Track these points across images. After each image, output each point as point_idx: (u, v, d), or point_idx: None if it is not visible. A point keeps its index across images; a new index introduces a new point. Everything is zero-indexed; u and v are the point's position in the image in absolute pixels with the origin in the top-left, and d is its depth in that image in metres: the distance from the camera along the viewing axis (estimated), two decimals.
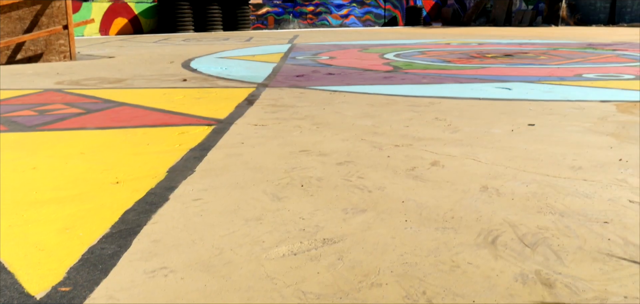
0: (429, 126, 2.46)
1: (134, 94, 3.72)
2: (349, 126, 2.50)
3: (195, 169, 1.79)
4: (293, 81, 4.21)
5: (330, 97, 3.39)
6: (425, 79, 4.28)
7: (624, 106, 2.96)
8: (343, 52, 7.10)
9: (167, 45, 9.21)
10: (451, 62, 5.70)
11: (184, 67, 5.42)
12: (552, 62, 5.58)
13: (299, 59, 6.17)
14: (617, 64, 5.43)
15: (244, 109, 2.98)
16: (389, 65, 5.36)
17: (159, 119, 2.74)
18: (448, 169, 1.76)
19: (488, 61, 5.77)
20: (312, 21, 17.87)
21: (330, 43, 9.26)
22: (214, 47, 8.44)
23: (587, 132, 2.33)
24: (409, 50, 7.29)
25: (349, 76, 4.51)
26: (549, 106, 2.99)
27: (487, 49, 7.62)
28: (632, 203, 1.43)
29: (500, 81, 4.13)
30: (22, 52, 6.48)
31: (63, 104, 3.24)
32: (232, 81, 4.29)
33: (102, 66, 5.63)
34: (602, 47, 7.89)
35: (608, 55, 6.52)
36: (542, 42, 9.33)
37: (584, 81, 4.09)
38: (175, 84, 4.14)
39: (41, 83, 4.31)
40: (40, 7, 6.45)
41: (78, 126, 2.59)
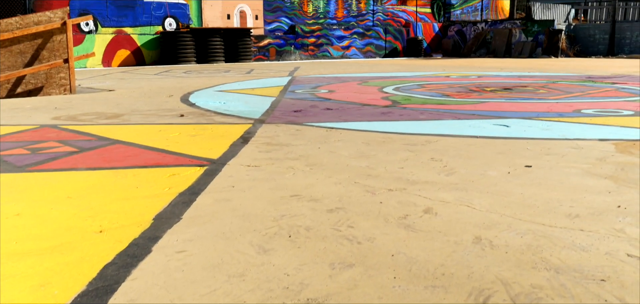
0: (424, 168, 2.43)
1: (129, 130, 3.70)
2: (343, 167, 2.47)
3: (182, 216, 1.75)
4: (290, 117, 4.19)
5: (327, 134, 3.36)
6: (423, 115, 4.25)
7: (623, 145, 2.92)
8: (342, 86, 7.10)
9: (167, 77, 9.25)
10: (450, 96, 5.69)
11: (183, 102, 5.42)
12: (551, 97, 5.56)
13: (298, 93, 6.17)
14: (616, 98, 5.41)
15: (238, 148, 2.95)
16: (388, 100, 5.35)
17: (152, 159, 2.70)
18: (441, 217, 1.71)
19: (487, 95, 5.76)
20: (313, 52, 18.00)
21: (330, 75, 9.29)
22: (214, 79, 8.47)
23: (585, 174, 2.29)
24: (408, 84, 7.30)
25: (347, 111, 4.49)
26: (547, 145, 2.96)
27: (486, 82, 7.62)
28: (630, 257, 1.39)
29: (499, 116, 4.11)
30: (23, 85, 6.50)
31: (57, 142, 3.22)
32: (229, 117, 4.28)
33: (101, 100, 5.63)
34: (601, 80, 7.89)
35: (607, 89, 6.51)
36: (541, 74, 9.35)
37: (583, 117, 4.06)
38: (172, 120, 4.12)
39: (38, 118, 4.30)
40: (41, 41, 6.49)
41: (69, 167, 2.56)
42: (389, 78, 8.51)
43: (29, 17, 6.34)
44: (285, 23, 17.62)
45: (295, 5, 17.87)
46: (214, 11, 15.93)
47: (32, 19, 6.36)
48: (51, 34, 6.52)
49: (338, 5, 19.15)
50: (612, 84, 7.15)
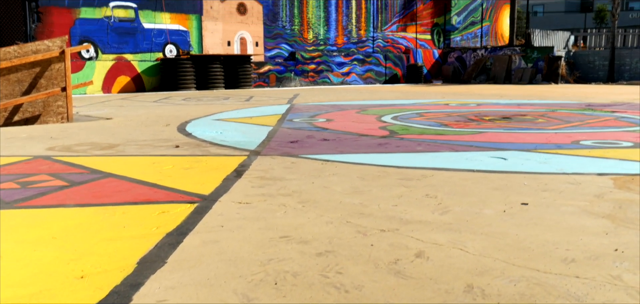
0: (418, 205, 2.38)
1: (123, 162, 3.67)
2: (336, 204, 2.42)
3: (167, 260, 1.70)
4: (286, 148, 4.16)
5: (322, 168, 3.32)
6: (420, 146, 4.22)
7: (622, 181, 2.88)
8: (340, 114, 7.09)
9: (166, 105, 9.25)
10: (448, 125, 5.66)
11: (179, 131, 5.39)
12: (550, 126, 5.53)
13: (295, 122, 6.15)
14: (615, 128, 5.38)
15: (231, 183, 2.92)
16: (385, 130, 5.33)
17: (142, 195, 2.66)
18: (433, 262, 1.67)
19: (485, 125, 5.74)
20: (313, 79, 18.06)
21: (328, 103, 9.29)
22: (213, 107, 8.47)
23: (582, 213, 2.24)
24: (406, 112, 7.28)
25: (344, 142, 4.46)
26: (544, 180, 2.91)
27: (485, 110, 7.60)
28: None
29: (496, 148, 4.07)
30: (20, 113, 6.49)
31: (48, 175, 3.18)
32: (225, 148, 4.25)
33: (97, 129, 5.61)
34: (600, 108, 7.88)
35: (606, 118, 6.49)
36: (540, 102, 9.34)
37: (581, 149, 4.03)
38: (166, 151, 4.09)
39: (32, 149, 4.28)
40: (39, 69, 6.50)
41: (57, 203, 2.52)
42: (388, 106, 8.51)
43: (27, 46, 6.36)
44: (285, 50, 17.72)
45: (295, 32, 17.99)
46: (214, 38, 16.04)
47: (30, 48, 6.38)
48: (49, 63, 6.53)
49: (338, 32, 19.28)
50: (611, 113, 7.13)
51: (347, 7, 19.49)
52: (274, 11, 17.38)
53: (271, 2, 17.27)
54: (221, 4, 16.08)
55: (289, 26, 17.79)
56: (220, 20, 16.11)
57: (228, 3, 16.24)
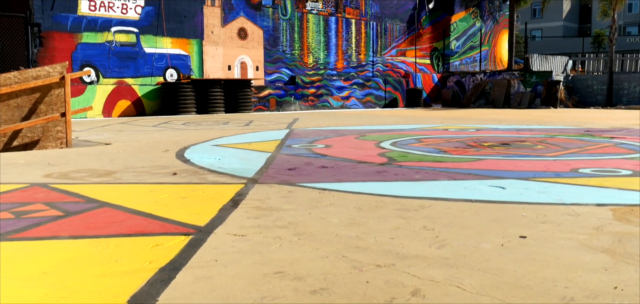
0: (415, 239, 2.36)
1: (119, 191, 3.65)
2: (332, 237, 2.40)
3: (158, 299, 1.67)
4: (284, 176, 4.15)
5: (319, 197, 3.30)
6: (419, 174, 4.20)
7: (621, 212, 2.86)
8: (339, 140, 7.08)
9: (166, 129, 9.26)
10: (447, 152, 5.65)
11: (178, 157, 5.38)
12: (549, 153, 5.52)
13: (294, 148, 6.14)
14: (614, 155, 5.37)
15: (227, 213, 2.89)
16: (384, 157, 5.31)
17: (137, 226, 2.64)
18: (429, 301, 1.64)
19: (484, 151, 5.73)
20: (313, 103, 18.11)
21: (328, 128, 9.29)
22: (212, 132, 8.47)
23: (581, 248, 2.22)
24: (405, 138, 7.28)
25: (342, 170, 4.44)
26: (543, 211, 2.89)
27: (484, 136, 7.60)
28: None
29: (495, 177, 4.05)
30: (19, 138, 6.48)
31: (44, 204, 3.16)
32: (222, 175, 4.23)
33: (96, 155, 5.60)
34: (599, 134, 7.87)
35: (605, 144, 6.48)
36: (539, 127, 9.34)
37: (580, 178, 4.01)
38: (164, 179, 4.07)
39: (30, 175, 4.26)
40: (39, 95, 6.51)
41: (51, 235, 2.49)
42: (387, 131, 8.50)
43: (27, 71, 6.38)
44: (285, 74, 17.80)
45: (295, 57, 18.09)
46: (215, 62, 16.12)
47: (30, 74, 6.40)
48: (50, 88, 6.55)
49: (338, 56, 19.39)
50: (610, 139, 7.13)
51: (347, 32, 19.63)
52: (275, 36, 17.50)
53: (272, 26, 17.40)
54: (222, 28, 16.20)
55: (289, 51, 17.90)
56: (221, 44, 16.22)
57: (229, 28, 16.36)
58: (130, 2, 14.33)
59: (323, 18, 18.82)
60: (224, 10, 16.18)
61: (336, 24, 19.25)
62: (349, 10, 19.64)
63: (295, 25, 18.04)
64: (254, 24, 16.94)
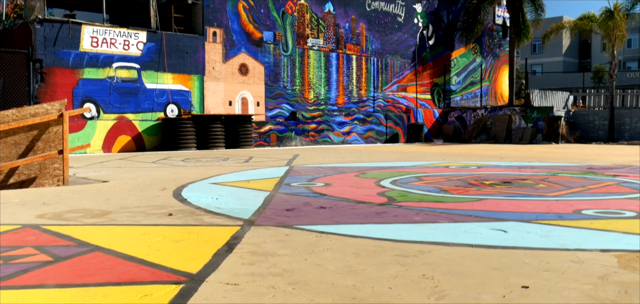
0: (413, 289, 2.27)
1: (113, 233, 3.57)
2: (327, 286, 2.31)
3: None
4: (281, 217, 4.07)
5: (316, 241, 3.22)
6: (418, 216, 4.12)
7: (626, 258, 2.77)
8: (339, 178, 7.02)
9: (165, 166, 9.21)
10: (448, 191, 5.58)
11: (175, 196, 5.31)
12: (551, 193, 5.44)
13: (293, 186, 6.07)
14: (617, 195, 5.29)
15: (221, 258, 2.81)
16: (384, 196, 5.24)
17: (127, 273, 2.56)
18: None
19: (486, 190, 5.65)
20: (314, 138, 18.11)
21: (328, 165, 9.24)
22: (211, 169, 8.41)
23: (586, 299, 2.13)
24: (406, 176, 7.21)
25: (341, 211, 4.36)
26: (546, 257, 2.80)
27: (485, 174, 7.53)
28: None
29: (496, 218, 3.97)
30: (15, 176, 6.43)
31: (34, 248, 3.08)
32: (218, 216, 4.15)
33: (92, 194, 5.53)
34: (602, 171, 7.80)
35: (608, 182, 6.40)
36: (541, 165, 9.28)
37: (583, 220, 3.92)
38: (158, 221, 3.99)
39: (23, 216, 4.19)
40: (37, 132, 6.49)
41: (37, 283, 2.41)
42: (387, 169, 8.44)
43: (26, 109, 6.37)
44: (286, 109, 17.85)
45: (296, 92, 18.17)
46: (216, 98, 16.18)
47: (28, 111, 6.39)
48: (48, 125, 6.53)
49: (339, 92, 19.47)
50: (613, 177, 7.05)
51: (348, 68, 19.75)
52: (276, 72, 17.61)
53: (273, 62, 17.52)
54: (223, 64, 16.31)
55: (290, 86, 17.99)
56: (222, 80, 16.30)
57: (230, 63, 16.48)
58: (132, 39, 14.46)
59: (324, 54, 18.96)
60: (225, 47, 16.32)
61: (337, 60, 19.38)
62: (350, 47, 19.81)
63: (296, 61, 18.17)
64: (255, 60, 17.06)
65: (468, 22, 22.67)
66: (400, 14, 21.55)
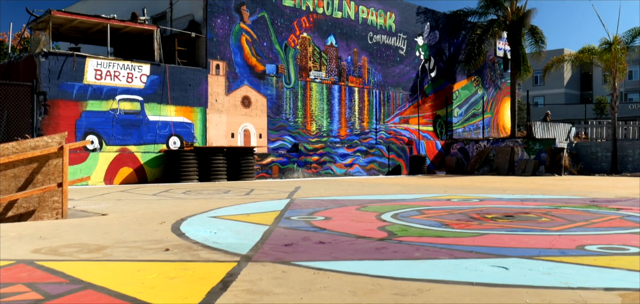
0: None
1: (107, 269, 3.52)
2: None
3: None
4: (279, 253, 4.01)
5: (313, 279, 3.16)
6: (418, 252, 4.06)
7: (631, 298, 2.70)
8: (340, 211, 6.96)
9: (165, 198, 9.17)
10: (449, 225, 5.51)
11: (173, 230, 5.26)
12: (554, 227, 5.37)
13: (293, 220, 6.01)
14: (621, 230, 5.21)
15: (215, 297, 2.75)
16: (384, 230, 5.17)
17: None
18: None
19: (487, 224, 5.58)
20: (316, 170, 18.07)
21: (329, 198, 9.18)
22: (212, 202, 8.37)
23: None
24: (407, 209, 7.14)
25: (340, 246, 4.30)
26: (548, 297, 2.74)
27: (487, 207, 7.46)
28: None
29: (498, 254, 3.90)
30: (14, 209, 6.40)
31: (25, 286, 3.03)
32: (215, 251, 4.10)
33: (89, 228, 5.48)
34: (605, 205, 7.72)
35: (612, 216, 6.32)
36: (544, 197, 9.20)
37: (586, 257, 3.85)
38: (155, 256, 3.94)
39: (17, 251, 4.14)
40: (36, 165, 6.47)
41: None
42: (389, 201, 8.38)
43: (26, 142, 6.36)
44: (288, 141, 17.86)
45: (299, 124, 18.21)
46: (218, 130, 16.22)
47: (29, 144, 6.38)
48: (48, 158, 6.51)
49: (341, 124, 19.51)
50: (616, 210, 6.97)
51: (350, 100, 19.83)
52: (278, 104, 17.68)
53: (275, 95, 17.60)
54: (226, 97, 16.39)
55: (292, 118, 18.04)
56: (225, 112, 16.36)
57: (233, 96, 16.56)
58: (136, 71, 14.58)
59: (326, 86, 19.06)
60: (228, 79, 16.43)
61: (339, 92, 19.48)
62: (352, 79, 19.92)
63: (299, 93, 18.26)
64: (258, 92, 17.15)
65: (471, 53, 22.80)
66: (402, 46, 21.72)
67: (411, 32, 22.07)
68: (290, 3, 18.09)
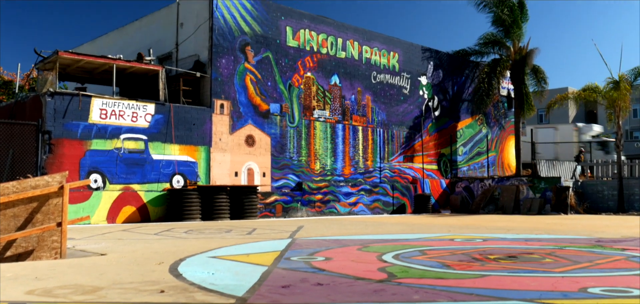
0: None
1: None
2: None
3: None
4: (275, 295, 3.95)
5: None
6: (417, 295, 3.98)
7: None
8: (341, 252, 6.88)
9: (166, 238, 9.11)
10: (450, 266, 5.43)
11: (171, 271, 5.20)
12: (557, 268, 5.28)
13: (293, 261, 5.94)
14: (626, 271, 5.11)
15: None
16: (384, 272, 5.10)
17: None
18: None
19: (490, 266, 5.49)
20: (320, 209, 17.98)
21: (331, 237, 9.10)
22: (213, 242, 8.31)
23: None
24: (409, 249, 7.06)
25: (338, 288, 4.23)
26: None
27: (491, 247, 7.36)
28: None
29: (499, 297, 3.82)
30: (13, 248, 6.36)
31: None
32: (211, 293, 4.04)
33: (87, 268, 5.44)
34: (611, 245, 7.60)
35: (617, 257, 6.22)
36: (549, 237, 9.08)
37: (589, 300, 3.76)
38: (150, 298, 3.89)
39: (11, 292, 4.10)
40: (37, 204, 6.46)
41: None
42: (391, 241, 8.29)
43: (26, 181, 6.37)
44: (292, 180, 17.84)
45: (302, 163, 18.21)
46: (222, 169, 16.23)
47: (29, 183, 6.39)
48: (48, 197, 6.51)
49: (345, 162, 19.50)
50: (622, 251, 6.86)
51: (354, 139, 19.86)
52: (282, 143, 17.72)
53: (279, 134, 17.67)
54: (230, 135, 16.46)
55: (296, 157, 18.05)
56: (229, 151, 16.41)
57: (237, 135, 16.63)
58: (141, 111, 14.70)
59: (330, 125, 19.13)
60: (232, 118, 16.53)
61: (343, 131, 19.53)
62: (356, 118, 19.99)
63: (303, 132, 18.32)
64: (262, 131, 17.22)
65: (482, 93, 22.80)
66: (406, 85, 21.86)
67: (415, 71, 22.24)
68: (295, 43, 18.33)
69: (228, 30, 16.65)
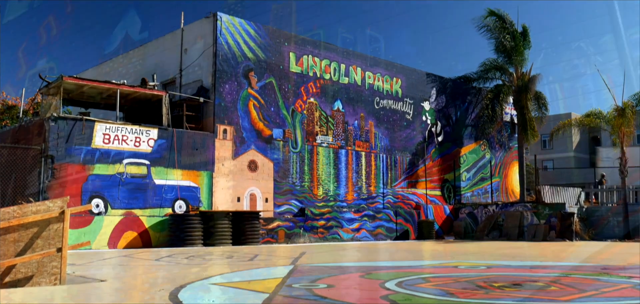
0: None
1: None
2: None
3: None
4: None
5: None
6: None
7: None
8: (343, 279, 6.80)
9: (168, 264, 9.04)
10: (453, 294, 5.35)
11: (170, 298, 5.14)
12: (563, 296, 5.19)
13: (294, 288, 5.87)
14: (632, 300, 5.02)
15: None
16: (387, 300, 5.02)
17: None
18: None
19: (494, 294, 5.40)
20: (323, 235, 17.86)
21: (334, 264, 9.01)
22: (214, 268, 8.23)
23: None
24: (412, 277, 6.97)
25: None
26: None
27: (495, 275, 7.26)
28: None
29: None
30: (12, 274, 6.30)
31: None
32: None
33: (85, 295, 5.38)
34: (617, 272, 7.49)
35: (623, 285, 6.12)
36: (554, 265, 8.97)
37: None
38: None
39: None
40: (37, 229, 6.42)
41: None
42: (394, 268, 8.20)
43: (27, 206, 6.34)
44: (295, 206, 17.76)
45: (305, 189, 18.15)
46: (224, 194, 16.19)
47: (30, 209, 6.36)
48: (48, 223, 6.47)
49: (348, 188, 19.44)
50: (628, 279, 6.76)
51: (357, 164, 19.83)
52: (285, 168, 17.70)
53: (282, 159, 17.65)
54: (233, 161, 16.45)
55: (299, 183, 18.01)
56: (231, 177, 16.38)
57: (239, 160, 16.62)
58: (144, 136, 14.73)
59: (333, 151, 19.12)
60: (235, 143, 16.54)
61: (346, 156, 19.51)
62: (359, 143, 19.99)
63: (306, 157, 18.30)
64: (265, 156, 17.22)
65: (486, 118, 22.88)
66: (409, 111, 21.89)
67: (418, 97, 22.29)
68: (298, 69, 18.42)
69: (231, 56, 16.75)
